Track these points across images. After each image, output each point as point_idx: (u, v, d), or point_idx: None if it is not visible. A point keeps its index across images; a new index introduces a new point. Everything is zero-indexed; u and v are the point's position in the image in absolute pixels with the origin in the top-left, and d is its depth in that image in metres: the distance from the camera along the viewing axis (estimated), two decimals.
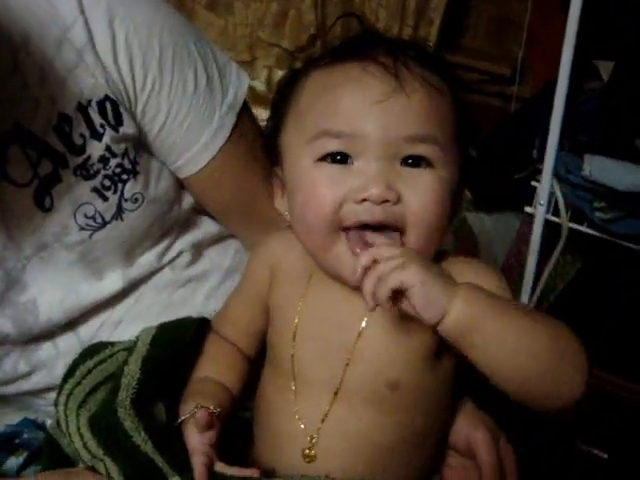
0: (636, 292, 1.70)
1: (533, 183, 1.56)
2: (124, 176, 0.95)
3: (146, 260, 1.03)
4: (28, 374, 0.98)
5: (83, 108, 0.90)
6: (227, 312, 1.01)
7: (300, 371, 0.86)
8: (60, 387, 0.92)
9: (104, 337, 1.00)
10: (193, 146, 1.00)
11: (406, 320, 0.79)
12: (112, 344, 0.97)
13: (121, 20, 0.92)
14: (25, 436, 1.00)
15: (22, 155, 0.87)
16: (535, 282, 1.66)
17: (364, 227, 0.79)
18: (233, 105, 1.03)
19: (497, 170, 1.73)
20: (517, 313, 0.75)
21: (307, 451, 0.84)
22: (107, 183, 0.94)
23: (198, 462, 0.80)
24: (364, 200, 0.78)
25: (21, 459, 0.95)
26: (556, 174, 1.50)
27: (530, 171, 1.64)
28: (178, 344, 0.94)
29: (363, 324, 0.82)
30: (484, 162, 1.75)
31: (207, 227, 1.11)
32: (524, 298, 1.66)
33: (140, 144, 0.98)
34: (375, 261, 0.75)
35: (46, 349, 0.98)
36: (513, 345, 0.72)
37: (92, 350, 0.96)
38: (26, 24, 0.86)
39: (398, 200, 0.78)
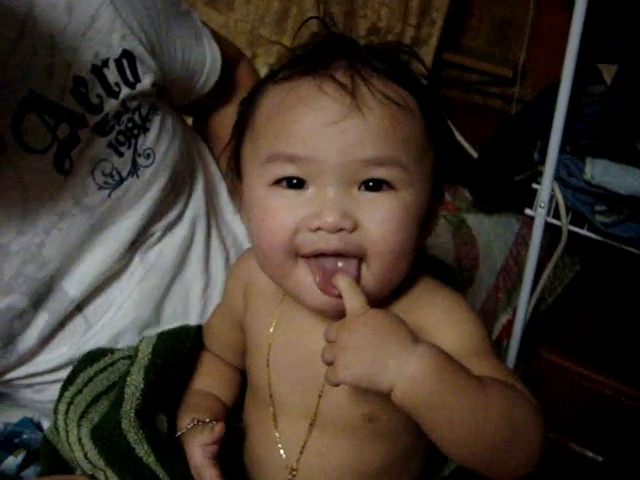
0: (636, 295, 1.70)
1: (534, 185, 1.56)
2: (135, 131, 0.98)
3: (155, 229, 1.05)
4: (36, 354, 0.97)
5: (98, 69, 0.92)
6: (210, 327, 1.02)
7: (277, 398, 0.86)
8: (60, 394, 0.92)
9: (108, 318, 1.00)
10: (205, 58, 1.13)
11: None
12: (111, 351, 0.97)
13: None
14: (25, 436, 1.00)
15: (40, 122, 0.88)
16: (534, 284, 1.65)
17: (322, 254, 0.76)
18: (209, 37, 1.16)
19: (497, 172, 1.72)
20: (470, 388, 0.68)
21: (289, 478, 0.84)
22: (121, 139, 0.96)
23: (212, 475, 0.81)
24: (319, 229, 0.74)
25: (20, 458, 0.96)
26: (557, 177, 1.49)
27: (531, 173, 1.64)
28: (178, 353, 0.93)
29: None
30: (484, 163, 1.75)
31: (208, 200, 1.15)
32: (523, 300, 1.65)
33: (159, 103, 1.03)
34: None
35: (54, 329, 0.98)
36: (463, 424, 0.68)
37: (91, 357, 0.95)
38: None
39: (355, 228, 0.74)
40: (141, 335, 1.01)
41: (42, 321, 0.94)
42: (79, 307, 0.98)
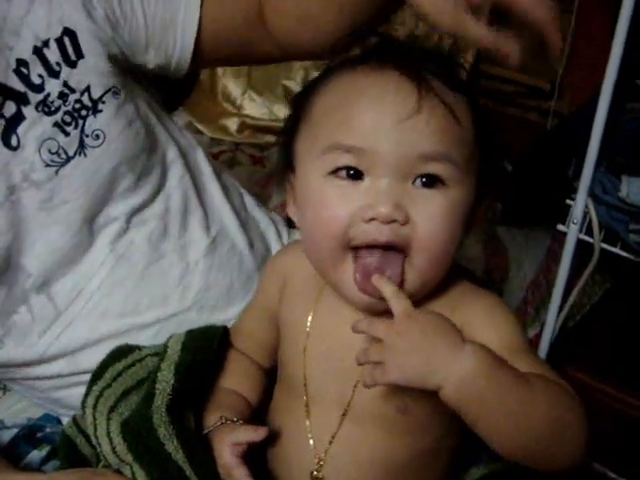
0: None
1: (567, 201, 1.54)
2: (83, 112, 1.00)
3: (117, 214, 1.04)
4: (1, 341, 0.99)
5: (38, 50, 0.97)
6: (241, 325, 1.02)
7: (311, 389, 0.86)
8: (88, 388, 0.92)
9: (79, 306, 1.01)
10: (177, 14, 1.07)
11: None
12: (139, 348, 0.97)
13: None
14: (48, 430, 1.00)
15: None
16: (563, 300, 1.64)
17: (372, 247, 0.78)
18: None
19: (531, 186, 1.71)
20: (516, 384, 0.71)
21: (315, 473, 0.84)
22: (67, 119, 0.99)
23: (241, 474, 0.80)
24: (372, 219, 0.77)
25: (44, 452, 0.96)
26: (591, 193, 1.48)
27: (564, 189, 1.62)
28: (206, 351, 0.93)
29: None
30: (518, 177, 1.74)
31: (187, 191, 1.13)
32: (552, 314, 1.64)
33: (123, 87, 1.03)
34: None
35: (22, 313, 0.99)
36: (509, 419, 0.70)
37: (119, 353, 0.96)
38: None
39: (406, 221, 0.77)
40: (120, 324, 1.02)
41: (1, 295, 0.97)
42: (42, 287, 0.99)
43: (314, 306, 0.89)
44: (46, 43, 0.97)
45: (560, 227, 1.57)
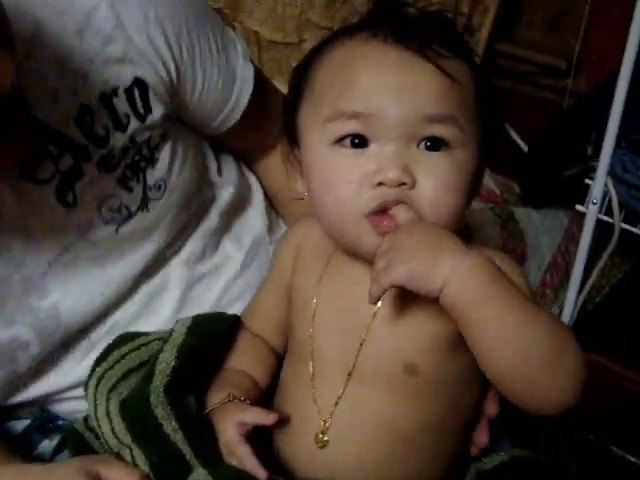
0: None
1: (586, 181, 1.52)
2: (142, 164, 0.93)
3: (166, 255, 1.01)
4: (39, 376, 0.95)
5: (107, 98, 0.87)
6: (256, 305, 1.01)
7: (317, 351, 0.86)
8: (91, 371, 0.91)
9: (115, 336, 0.97)
10: (228, 103, 1.04)
11: (425, 302, 0.77)
12: (147, 334, 0.96)
13: None
14: (60, 422, 0.99)
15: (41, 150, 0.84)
16: (582, 282, 1.61)
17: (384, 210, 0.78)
18: (245, 54, 1.05)
19: (548, 165, 1.68)
20: (520, 297, 0.72)
21: (320, 435, 0.83)
22: (129, 173, 0.92)
23: (245, 452, 0.79)
24: (380, 184, 0.77)
25: (55, 442, 0.95)
26: (611, 172, 1.45)
27: (583, 168, 1.59)
28: (213, 336, 0.92)
29: (379, 304, 0.80)
30: (535, 157, 1.71)
31: (219, 216, 1.09)
32: (570, 297, 1.62)
33: (169, 129, 0.96)
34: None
35: (60, 352, 0.95)
36: (510, 332, 0.70)
37: (127, 337, 0.95)
38: (38, 14, 0.82)
39: (414, 184, 0.77)
40: None
41: (45, 351, 0.92)
42: (86, 332, 0.96)
43: (323, 272, 0.89)
44: (115, 91, 0.88)
45: (579, 207, 1.55)
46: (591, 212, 1.49)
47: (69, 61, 0.84)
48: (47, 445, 0.96)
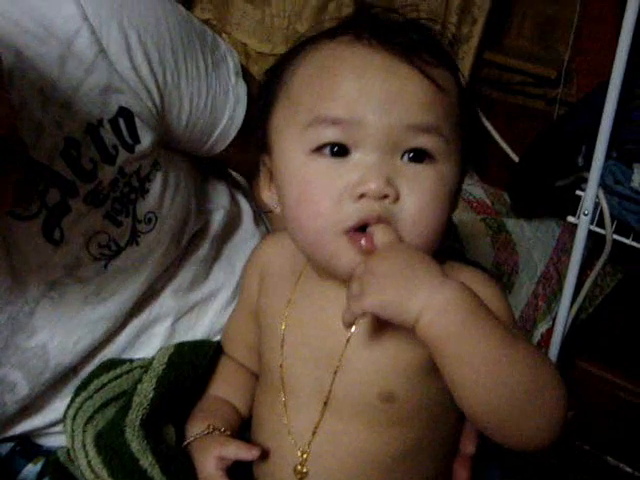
0: None
1: (578, 192, 1.51)
2: (132, 195, 0.88)
3: (156, 287, 0.97)
4: (28, 415, 0.92)
5: (93, 129, 0.82)
6: (228, 331, 0.98)
7: (289, 381, 0.82)
8: (71, 400, 0.89)
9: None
10: (220, 123, 0.99)
11: (400, 327, 0.71)
12: (131, 360, 0.93)
13: (129, 18, 0.85)
14: (43, 447, 0.97)
15: (28, 186, 0.80)
16: (575, 292, 1.61)
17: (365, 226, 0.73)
18: (237, 71, 1.01)
19: (539, 176, 1.67)
20: (499, 331, 0.66)
21: (299, 467, 0.81)
22: (118, 206, 0.87)
23: None
24: (362, 196, 0.72)
25: (39, 466, 0.93)
26: (602, 184, 1.44)
27: (574, 179, 1.59)
28: (195, 366, 0.90)
29: (353, 329, 0.76)
30: (525, 167, 1.70)
31: (209, 244, 1.05)
32: (564, 307, 1.61)
33: (160, 157, 0.92)
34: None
35: (48, 395, 0.92)
36: (487, 367, 0.65)
37: (109, 365, 0.92)
38: (18, 43, 0.77)
39: (397, 198, 0.73)
40: None
41: (34, 392, 0.89)
42: (76, 370, 0.93)
43: (291, 294, 0.85)
44: (100, 122, 0.83)
45: (570, 219, 1.54)
46: (583, 223, 1.49)
47: (52, 91, 0.80)
48: (31, 469, 0.93)
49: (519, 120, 2.02)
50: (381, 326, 0.76)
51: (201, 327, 1.01)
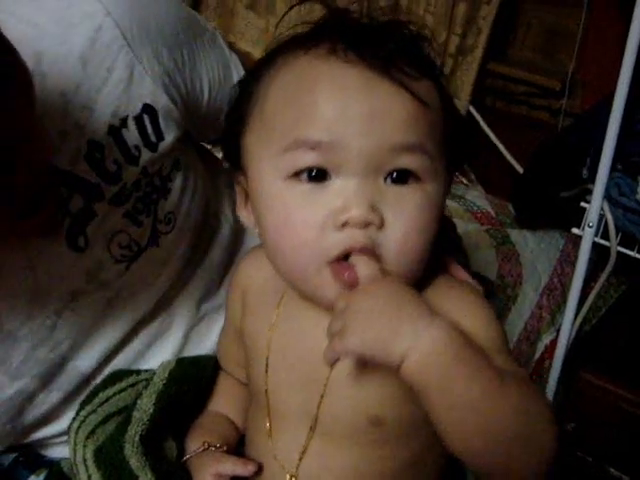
0: None
1: (582, 204, 1.50)
2: (154, 195, 0.87)
3: (171, 294, 0.97)
4: (44, 424, 0.92)
5: (116, 130, 0.81)
6: (220, 347, 0.96)
7: (274, 405, 0.80)
8: (76, 412, 0.88)
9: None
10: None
11: None
12: (138, 372, 0.93)
13: (146, 6, 0.84)
14: (46, 458, 0.97)
15: (50, 194, 0.78)
16: (579, 304, 1.60)
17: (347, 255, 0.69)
18: (226, 44, 1.03)
19: (543, 188, 1.67)
20: (486, 370, 0.63)
21: None
22: (140, 206, 0.86)
23: None
24: (345, 224, 0.68)
25: (42, 477, 0.93)
26: (607, 196, 1.44)
27: (578, 191, 1.58)
28: (195, 381, 0.89)
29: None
30: (530, 179, 1.70)
31: (222, 250, 1.05)
32: (568, 319, 1.60)
33: (181, 156, 0.92)
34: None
35: (64, 403, 0.92)
36: (475, 408, 0.61)
37: (115, 377, 0.91)
38: (37, 47, 0.76)
39: (382, 224, 0.69)
40: None
41: (52, 399, 0.88)
42: (89, 379, 0.92)
43: (275, 317, 0.81)
44: (124, 122, 0.82)
45: (575, 230, 1.54)
46: (587, 235, 1.48)
47: (74, 95, 0.78)
48: None
49: (523, 131, 2.02)
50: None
51: (213, 337, 1.01)
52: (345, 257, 0.69)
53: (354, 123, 0.67)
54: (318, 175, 0.69)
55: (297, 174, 0.70)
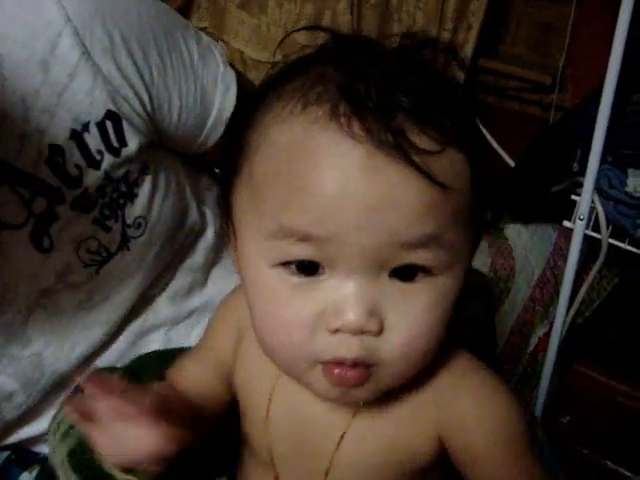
0: None
1: (573, 197, 1.51)
2: (121, 201, 0.87)
3: (151, 294, 0.97)
4: (25, 423, 0.93)
5: (77, 135, 0.81)
6: (185, 372, 0.84)
7: (280, 464, 0.76)
8: (55, 413, 0.88)
9: None
10: (210, 114, 0.97)
11: (392, 430, 0.68)
12: (119, 369, 0.92)
13: (111, 16, 0.83)
14: (39, 455, 0.97)
15: (13, 195, 0.79)
16: (571, 297, 1.61)
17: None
18: (224, 60, 1.00)
19: (535, 181, 1.67)
20: None
21: None
22: (107, 212, 0.85)
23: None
24: (338, 330, 0.60)
25: (34, 474, 0.94)
26: (598, 188, 1.45)
27: (569, 184, 1.59)
28: (160, 375, 0.88)
29: (341, 432, 0.70)
30: (521, 172, 1.71)
31: (207, 250, 1.05)
32: (560, 312, 1.61)
33: (149, 160, 0.91)
34: None
35: (43, 404, 0.92)
36: None
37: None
38: None
39: (380, 330, 0.60)
40: None
41: (31, 399, 0.89)
42: (68, 380, 0.92)
43: (275, 378, 0.75)
44: (86, 127, 0.81)
45: (566, 223, 1.54)
46: (579, 228, 1.49)
47: (34, 99, 0.77)
48: (26, 478, 0.94)
49: (515, 125, 2.02)
50: (373, 427, 0.70)
51: (197, 335, 1.01)
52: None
53: (354, 214, 0.56)
54: (310, 267, 0.60)
55: (285, 264, 0.61)
